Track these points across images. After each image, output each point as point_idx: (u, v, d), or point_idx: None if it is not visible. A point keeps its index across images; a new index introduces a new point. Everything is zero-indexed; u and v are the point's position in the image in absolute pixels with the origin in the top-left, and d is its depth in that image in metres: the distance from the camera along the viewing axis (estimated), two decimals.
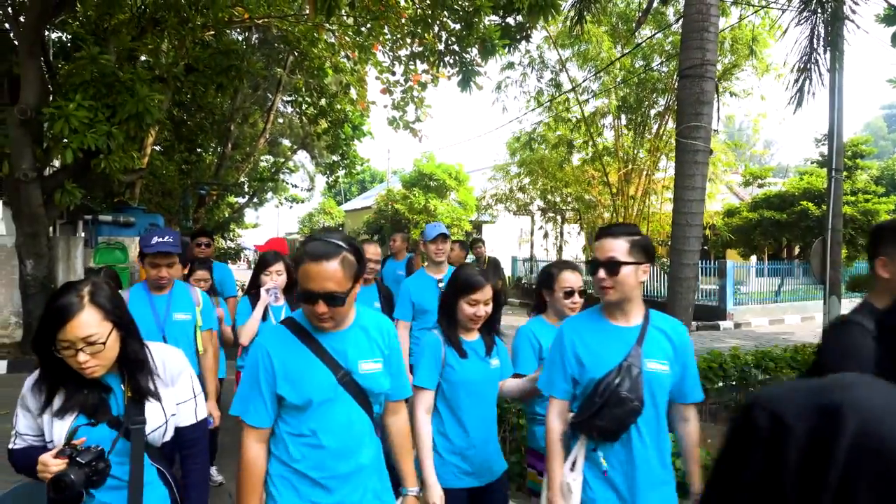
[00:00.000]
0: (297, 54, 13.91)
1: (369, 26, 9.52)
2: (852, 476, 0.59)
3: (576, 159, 18.30)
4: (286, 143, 22.11)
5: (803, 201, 17.81)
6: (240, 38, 13.98)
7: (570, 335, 2.21)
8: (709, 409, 5.71)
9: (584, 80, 16.09)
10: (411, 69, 9.73)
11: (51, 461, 1.53)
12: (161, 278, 3.22)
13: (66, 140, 7.62)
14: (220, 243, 18.61)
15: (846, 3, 6.33)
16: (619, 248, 2.07)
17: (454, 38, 8.63)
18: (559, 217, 20.20)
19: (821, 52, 6.57)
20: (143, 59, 10.15)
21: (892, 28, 5.69)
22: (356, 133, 17.71)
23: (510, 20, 8.22)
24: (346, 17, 10.14)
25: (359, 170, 20.34)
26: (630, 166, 16.44)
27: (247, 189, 19.43)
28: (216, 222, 18.48)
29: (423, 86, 10.11)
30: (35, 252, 8.45)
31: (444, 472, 2.39)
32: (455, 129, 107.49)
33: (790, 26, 6.64)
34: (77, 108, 7.57)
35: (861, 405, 0.62)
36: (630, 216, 16.78)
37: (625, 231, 2.13)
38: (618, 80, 15.77)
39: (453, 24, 8.55)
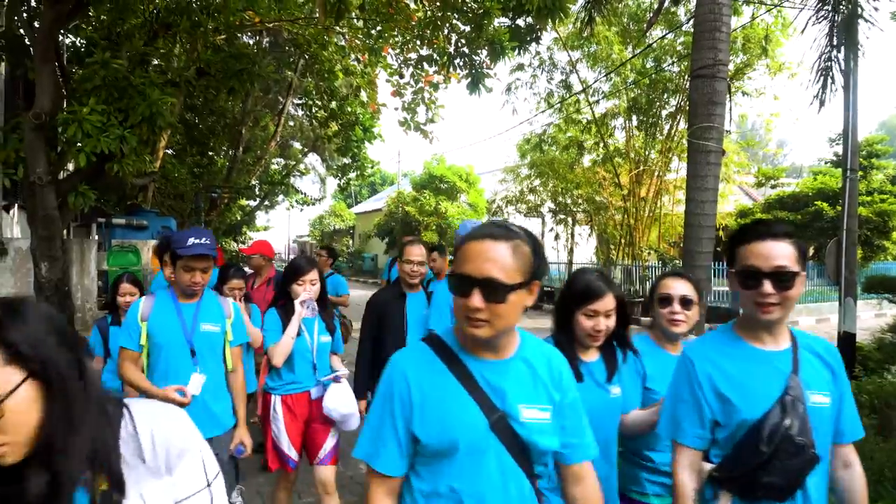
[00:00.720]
0: (307, 57, 14.00)
1: (379, 29, 9.55)
2: None
3: (586, 161, 18.25)
4: (297, 145, 22.20)
5: (817, 202, 17.64)
6: (251, 42, 14.06)
7: (703, 364, 1.75)
8: None
9: (594, 82, 16.06)
10: (420, 73, 9.73)
11: None
12: (195, 284, 2.85)
13: (79, 144, 7.70)
14: (231, 245, 18.74)
15: (860, 2, 6.26)
16: (789, 254, 1.66)
17: (464, 41, 8.63)
18: (570, 219, 20.12)
19: (840, 51, 6.50)
20: (155, 63, 10.24)
21: None
22: (367, 135, 17.77)
23: (519, 22, 8.21)
24: (356, 20, 10.19)
25: (369, 172, 20.40)
26: (641, 167, 16.36)
27: (258, 192, 19.53)
28: (228, 225, 18.62)
29: (434, 87, 10.12)
30: (50, 255, 8.53)
31: None
32: (465, 132, 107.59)
33: (807, 25, 6.57)
34: (90, 113, 7.64)
35: None
36: (642, 217, 16.69)
37: (786, 232, 1.69)
38: (629, 80, 15.70)
39: (463, 27, 8.55)
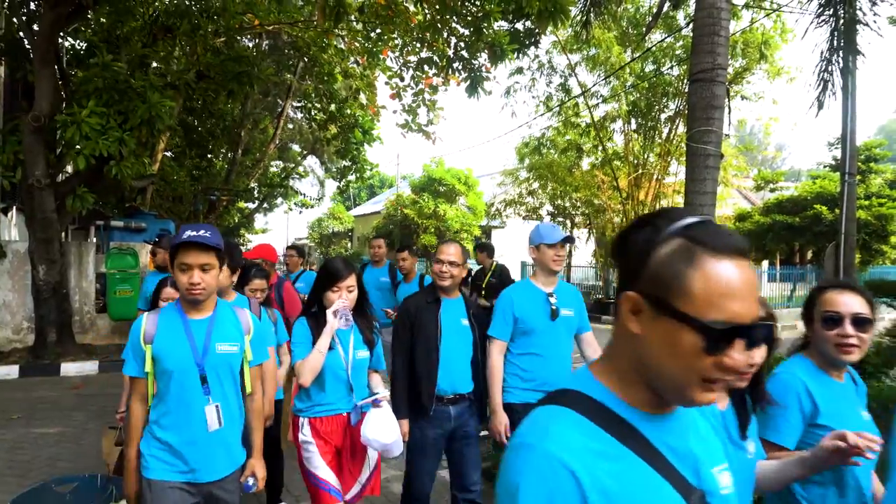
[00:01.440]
0: (306, 60, 14.02)
1: (378, 32, 9.56)
2: None
3: (585, 164, 18.25)
4: (296, 148, 22.22)
5: (816, 205, 17.66)
6: (250, 45, 14.07)
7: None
8: None
9: (593, 85, 16.07)
10: (420, 75, 9.74)
11: None
12: (194, 287, 2.27)
13: (78, 146, 7.70)
14: None
15: (861, 7, 6.27)
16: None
17: (463, 44, 8.64)
18: (569, 222, 20.12)
19: (839, 56, 6.51)
20: (154, 65, 10.25)
21: None
22: (366, 138, 17.80)
23: (519, 25, 8.22)
24: (355, 23, 10.20)
25: (368, 175, 20.42)
26: (640, 171, 16.37)
27: (257, 194, 19.54)
28: (226, 227, 18.60)
29: (434, 89, 10.13)
30: (47, 257, 8.52)
31: None
32: (464, 134, 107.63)
33: (808, 30, 6.59)
34: (89, 115, 7.65)
35: None
36: None
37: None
38: (628, 84, 15.72)
39: (462, 30, 8.56)
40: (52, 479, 2.82)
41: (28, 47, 8.95)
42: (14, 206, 11.38)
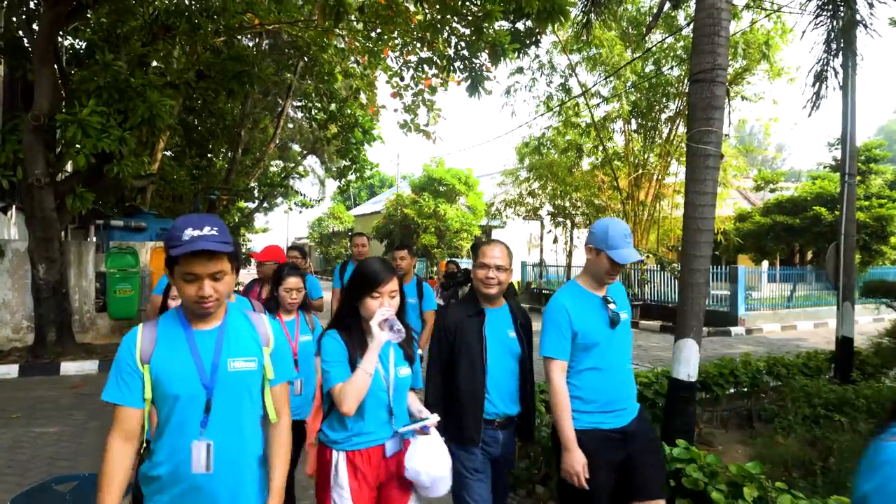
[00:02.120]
0: (306, 60, 14.01)
1: (379, 31, 9.56)
2: None
3: (585, 164, 18.27)
4: (296, 147, 22.21)
5: (816, 206, 17.66)
6: (250, 45, 14.07)
7: None
8: (720, 417, 5.65)
9: (594, 85, 16.08)
10: (420, 75, 9.75)
11: None
12: (204, 301, 1.81)
13: (78, 145, 7.70)
14: None
15: (860, 8, 6.27)
16: None
17: (463, 44, 8.64)
18: (569, 222, 20.13)
19: (836, 56, 6.51)
20: (154, 65, 10.25)
21: None
22: (366, 137, 17.79)
23: (519, 25, 8.22)
24: (355, 23, 10.20)
25: (368, 174, 20.41)
26: (640, 171, 16.38)
27: (257, 194, 19.53)
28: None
29: (433, 90, 10.14)
30: (47, 256, 8.53)
31: None
32: (465, 134, 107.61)
33: (806, 30, 6.60)
34: (90, 114, 7.65)
35: None
36: (640, 221, 16.70)
37: None
38: (628, 84, 15.73)
39: (463, 29, 8.56)
40: (52, 478, 2.82)
41: (28, 46, 8.95)
42: (14, 206, 11.38)
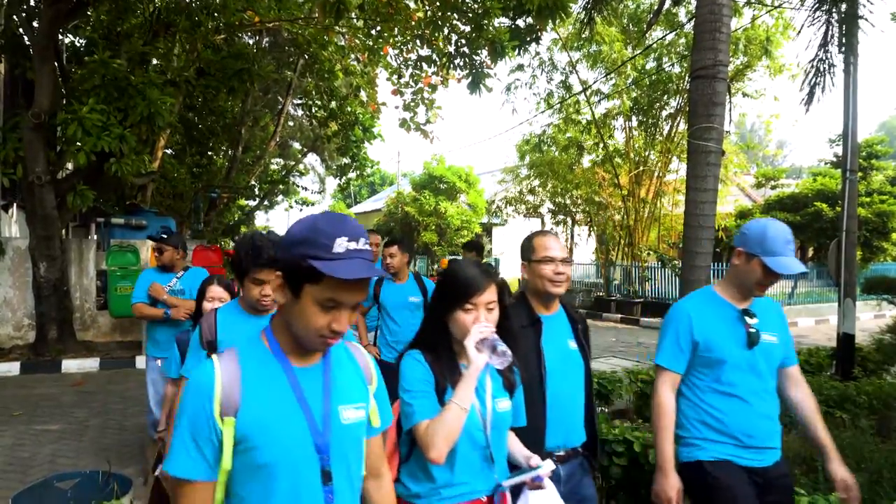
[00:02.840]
0: (307, 57, 13.99)
1: (379, 29, 9.54)
2: None
3: (586, 161, 18.23)
4: (296, 145, 22.18)
5: (817, 203, 17.64)
6: (250, 42, 14.05)
7: None
8: None
9: (594, 82, 16.05)
10: (420, 73, 9.73)
11: None
12: (335, 336, 1.27)
13: (78, 143, 7.69)
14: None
15: (860, 2, 6.25)
16: None
17: (464, 41, 8.63)
18: (569, 219, 20.11)
19: (834, 52, 6.50)
20: (154, 62, 10.23)
21: None
22: (366, 135, 17.78)
23: (520, 22, 8.20)
24: (355, 20, 10.18)
25: (369, 172, 20.40)
26: (641, 168, 16.35)
27: (257, 192, 19.52)
28: (227, 225, 18.59)
29: (433, 88, 10.12)
30: (48, 254, 8.53)
31: None
32: (465, 132, 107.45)
33: (804, 26, 6.58)
34: (90, 112, 7.64)
35: None
36: (641, 218, 16.69)
37: None
38: (629, 81, 15.70)
39: (463, 27, 8.55)
40: (54, 475, 2.82)
41: (28, 44, 8.94)
42: (15, 203, 11.38)
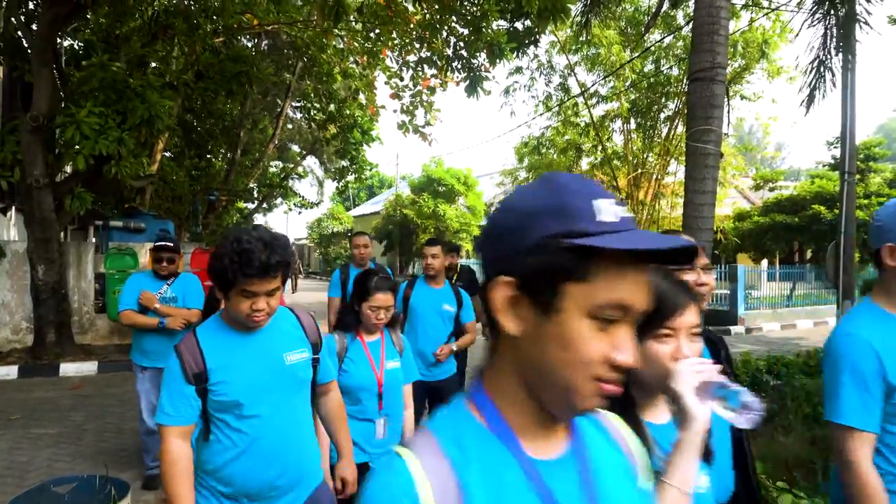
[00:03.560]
0: (305, 60, 14.00)
1: (378, 31, 9.55)
2: None
3: (584, 164, 18.24)
4: (295, 148, 22.20)
5: (815, 205, 17.64)
6: (249, 45, 14.06)
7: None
8: None
9: (593, 85, 16.06)
10: (420, 75, 9.74)
11: None
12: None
13: (77, 146, 7.68)
14: None
15: (858, 5, 6.27)
16: None
17: (462, 43, 8.64)
18: None
19: (832, 54, 6.51)
20: (153, 65, 10.24)
21: None
22: (365, 138, 17.80)
23: (518, 25, 8.21)
24: (354, 23, 10.19)
25: (367, 175, 20.41)
26: (639, 170, 16.36)
27: (256, 195, 19.52)
28: (225, 228, 18.57)
29: (431, 90, 10.14)
30: (46, 257, 8.51)
31: None
32: (464, 134, 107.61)
33: (802, 28, 6.59)
34: (88, 115, 7.63)
35: None
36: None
37: None
38: (627, 83, 15.72)
39: (461, 29, 8.56)
40: (51, 479, 2.82)
41: (26, 47, 8.93)
42: (13, 207, 11.37)
